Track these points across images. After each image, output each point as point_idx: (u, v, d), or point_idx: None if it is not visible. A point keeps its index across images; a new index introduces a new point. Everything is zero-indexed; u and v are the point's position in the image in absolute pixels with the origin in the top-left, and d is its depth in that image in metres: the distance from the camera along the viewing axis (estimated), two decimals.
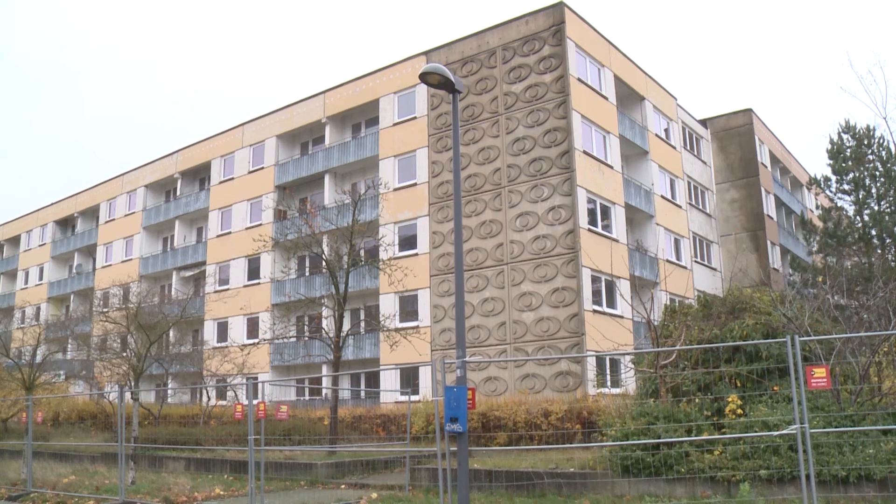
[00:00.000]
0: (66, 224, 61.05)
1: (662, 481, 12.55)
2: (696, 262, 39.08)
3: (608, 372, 27.49)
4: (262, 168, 42.19)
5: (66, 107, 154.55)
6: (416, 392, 28.19)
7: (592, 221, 30.38)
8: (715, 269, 41.34)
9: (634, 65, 36.78)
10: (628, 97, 36.35)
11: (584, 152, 30.47)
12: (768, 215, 43.47)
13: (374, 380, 34.69)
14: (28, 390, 27.88)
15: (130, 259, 50.69)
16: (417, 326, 31.32)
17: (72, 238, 58.76)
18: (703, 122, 44.47)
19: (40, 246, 61.73)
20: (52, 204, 61.51)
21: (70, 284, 57.13)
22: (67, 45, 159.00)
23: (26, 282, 62.45)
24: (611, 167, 32.42)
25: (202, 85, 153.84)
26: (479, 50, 33.16)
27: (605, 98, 33.21)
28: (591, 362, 27.06)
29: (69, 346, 45.76)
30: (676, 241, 37.54)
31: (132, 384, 27.88)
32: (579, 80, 31.22)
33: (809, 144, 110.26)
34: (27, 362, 31.21)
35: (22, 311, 57.05)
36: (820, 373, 9.58)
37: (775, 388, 13.30)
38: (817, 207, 40.54)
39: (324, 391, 34.53)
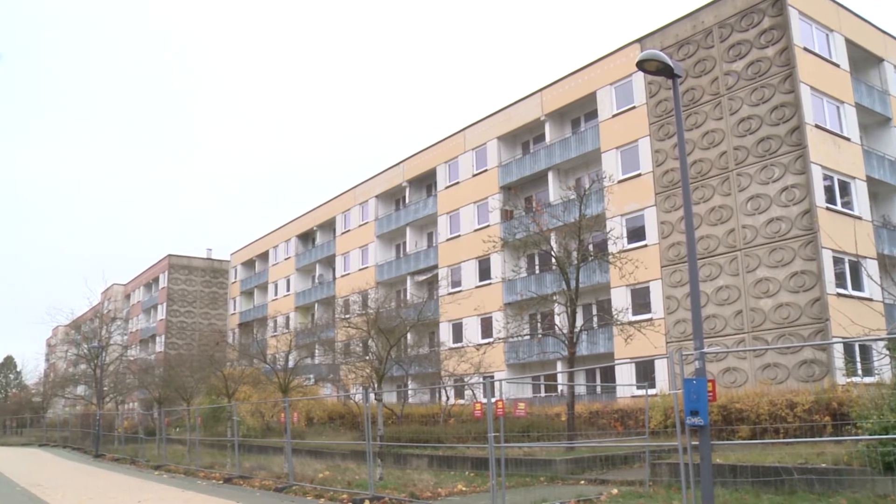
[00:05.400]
0: (307, 238, 65.35)
1: None
2: None
3: (858, 359, 25.76)
4: (486, 170, 43.11)
5: (298, 127, 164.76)
6: (652, 385, 27.79)
7: (830, 199, 28.55)
8: None
9: (868, 23, 33.95)
10: (863, 61, 33.77)
11: (816, 126, 28.69)
12: None
13: (609, 374, 34.52)
14: (284, 393, 30.05)
15: (366, 267, 53.44)
16: (651, 319, 30.82)
17: (312, 250, 62.88)
18: None
19: (286, 259, 66.59)
20: (293, 220, 66.20)
21: (314, 294, 61.20)
22: (299, 64, 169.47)
23: (276, 293, 67.58)
24: (847, 139, 30.31)
25: (423, 94, 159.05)
26: (695, 31, 32.12)
27: (837, 65, 31.06)
28: (839, 349, 25.50)
29: (316, 351, 48.79)
30: None
31: (375, 386, 29.45)
32: (805, 49, 29.44)
33: None
34: (282, 367, 33.66)
35: (274, 320, 61.71)
36: None
37: None
38: None
39: (559, 387, 34.73)
